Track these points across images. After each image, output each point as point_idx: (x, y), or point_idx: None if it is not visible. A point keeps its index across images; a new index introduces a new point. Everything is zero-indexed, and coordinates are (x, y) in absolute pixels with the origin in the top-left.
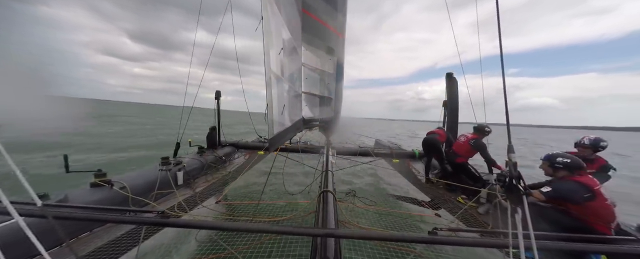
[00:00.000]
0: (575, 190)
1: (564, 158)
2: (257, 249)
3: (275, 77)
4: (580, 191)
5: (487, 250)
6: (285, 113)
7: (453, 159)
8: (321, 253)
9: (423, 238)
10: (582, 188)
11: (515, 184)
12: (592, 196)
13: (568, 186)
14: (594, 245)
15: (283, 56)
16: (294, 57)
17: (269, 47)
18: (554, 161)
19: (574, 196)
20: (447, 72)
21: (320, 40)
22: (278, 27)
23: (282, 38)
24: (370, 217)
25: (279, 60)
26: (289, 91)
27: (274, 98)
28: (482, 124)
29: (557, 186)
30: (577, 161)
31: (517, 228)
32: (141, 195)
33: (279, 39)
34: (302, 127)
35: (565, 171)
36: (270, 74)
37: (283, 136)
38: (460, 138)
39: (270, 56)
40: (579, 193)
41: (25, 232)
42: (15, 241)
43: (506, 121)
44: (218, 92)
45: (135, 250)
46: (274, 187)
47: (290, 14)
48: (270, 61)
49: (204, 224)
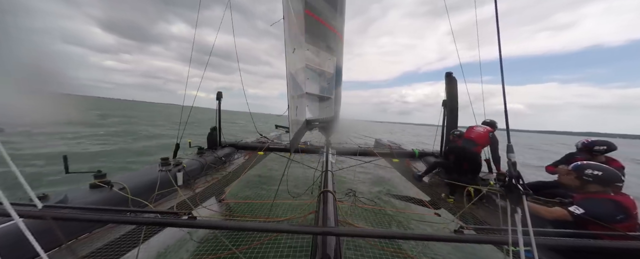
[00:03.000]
0: (611, 213)
1: (594, 170)
2: (258, 249)
3: (292, 78)
4: (615, 214)
5: (487, 250)
6: (300, 113)
7: (471, 148)
8: (321, 251)
9: (423, 235)
10: (618, 210)
11: (514, 184)
12: (624, 219)
13: (604, 208)
14: (592, 242)
15: (294, 56)
16: (299, 58)
17: (287, 47)
18: (582, 172)
19: (607, 218)
20: (447, 72)
21: (322, 41)
22: (292, 28)
23: (296, 38)
24: (370, 216)
25: (293, 60)
26: (301, 92)
27: (292, 99)
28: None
29: (591, 207)
30: (611, 174)
31: (517, 226)
32: (141, 196)
33: (295, 39)
34: (306, 128)
35: (598, 185)
36: (290, 76)
37: (298, 137)
38: (479, 128)
39: (289, 56)
40: (613, 216)
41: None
42: (14, 242)
43: (506, 121)
44: (219, 93)
45: (135, 251)
46: (274, 187)
47: (297, 15)
48: (290, 61)
49: (204, 224)
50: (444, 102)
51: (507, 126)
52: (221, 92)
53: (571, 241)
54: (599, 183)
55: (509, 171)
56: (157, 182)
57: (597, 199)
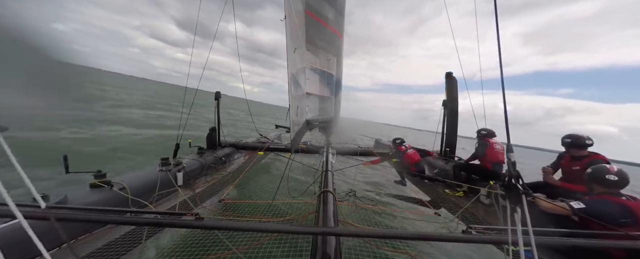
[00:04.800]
0: (614, 214)
1: (596, 169)
2: (258, 249)
3: (293, 78)
4: (619, 215)
5: (487, 250)
6: (300, 113)
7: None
8: (321, 251)
9: (423, 235)
10: (623, 213)
11: (514, 184)
12: (630, 223)
13: (607, 207)
14: (591, 241)
15: (295, 56)
16: (300, 58)
17: (290, 47)
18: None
19: (609, 219)
20: (447, 72)
21: (322, 41)
22: (294, 28)
23: (298, 38)
24: (370, 216)
25: (294, 60)
26: (301, 92)
27: (293, 99)
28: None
29: (593, 204)
30: (618, 178)
31: (517, 226)
32: (141, 196)
33: (296, 39)
34: (306, 127)
35: (597, 185)
36: (291, 75)
37: (298, 137)
38: (497, 146)
39: (291, 56)
40: (618, 217)
41: (25, 233)
42: (15, 241)
43: (505, 122)
44: (217, 93)
45: (135, 251)
46: (274, 187)
47: (298, 15)
48: (292, 61)
49: (204, 224)
50: (444, 103)
51: (506, 126)
52: (219, 92)
53: (571, 241)
54: (594, 182)
55: (508, 170)
56: (157, 183)
57: (603, 200)
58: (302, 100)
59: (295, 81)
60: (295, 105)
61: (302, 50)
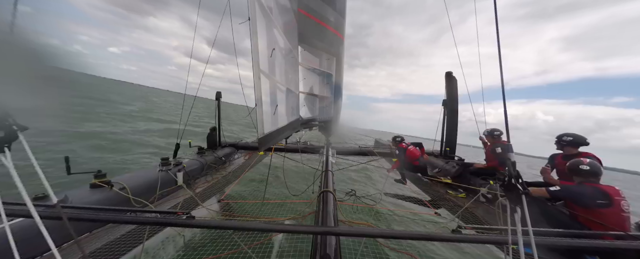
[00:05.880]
0: (588, 194)
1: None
2: (258, 249)
3: (265, 76)
4: (594, 195)
5: (487, 250)
6: (278, 112)
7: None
8: (321, 251)
9: (423, 235)
10: (598, 194)
11: (514, 184)
12: (607, 204)
13: (582, 190)
14: (591, 241)
15: (277, 55)
16: (290, 57)
17: (257, 47)
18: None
19: (584, 199)
20: (447, 72)
21: (318, 40)
22: (269, 27)
23: (275, 37)
24: (370, 216)
25: (271, 59)
26: (285, 91)
27: (265, 97)
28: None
29: (569, 188)
30: (590, 167)
31: (516, 226)
32: (141, 196)
33: (271, 38)
34: (300, 127)
35: (576, 176)
36: (259, 73)
37: (275, 136)
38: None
39: (259, 55)
40: (593, 198)
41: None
42: (23, 239)
43: (505, 122)
44: (219, 93)
45: (135, 250)
46: (274, 187)
47: (283, 13)
48: (259, 61)
49: (204, 224)
50: (444, 102)
51: (506, 126)
52: (220, 92)
53: (571, 241)
54: (573, 174)
55: (508, 170)
56: (157, 183)
57: (581, 185)
58: (290, 99)
59: (271, 80)
60: (273, 104)
61: (295, 49)
